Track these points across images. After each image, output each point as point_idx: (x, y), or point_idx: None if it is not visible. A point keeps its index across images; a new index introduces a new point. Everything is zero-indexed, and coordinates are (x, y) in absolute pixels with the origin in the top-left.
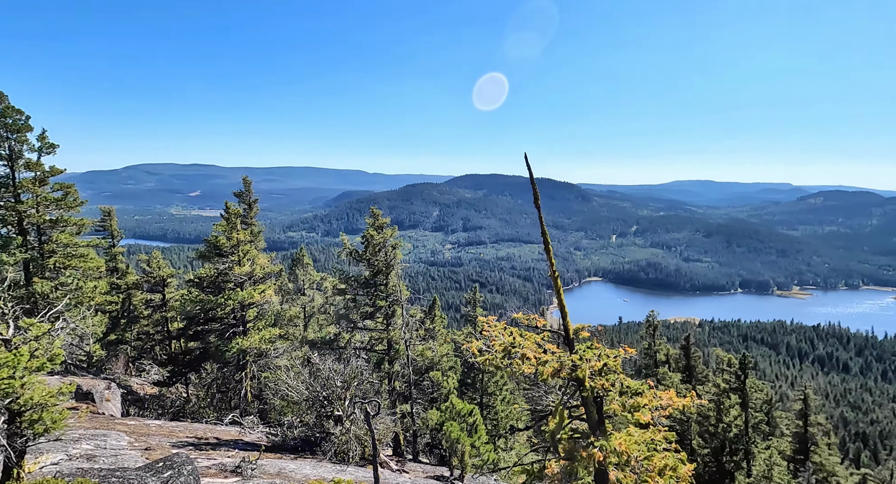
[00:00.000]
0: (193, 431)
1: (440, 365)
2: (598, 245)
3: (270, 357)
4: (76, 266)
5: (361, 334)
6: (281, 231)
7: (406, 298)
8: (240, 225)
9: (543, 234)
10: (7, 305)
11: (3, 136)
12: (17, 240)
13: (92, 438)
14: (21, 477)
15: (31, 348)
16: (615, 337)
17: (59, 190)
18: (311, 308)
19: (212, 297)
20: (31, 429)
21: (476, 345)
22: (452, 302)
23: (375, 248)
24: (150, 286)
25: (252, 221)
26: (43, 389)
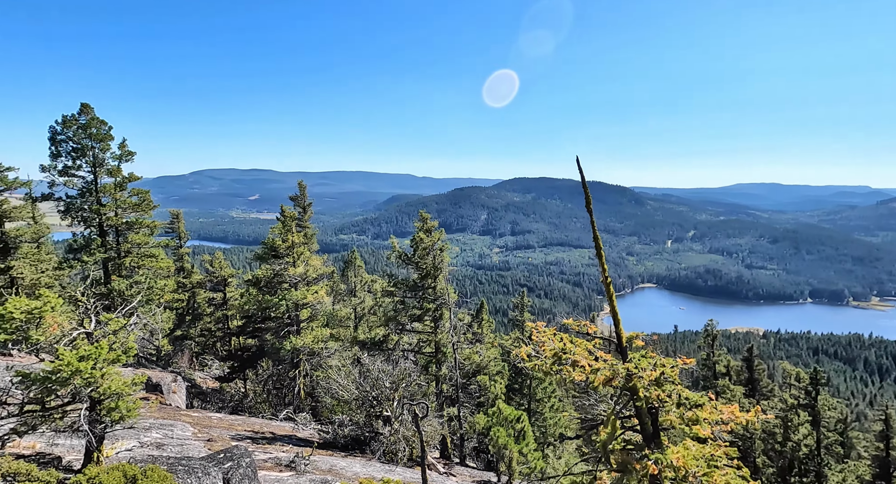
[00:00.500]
0: (251, 425)
1: (487, 369)
2: (652, 250)
3: (322, 356)
4: (148, 265)
5: (409, 336)
6: (333, 234)
7: (454, 301)
8: (294, 228)
9: (595, 239)
10: (90, 301)
11: (88, 145)
12: (97, 241)
13: (161, 428)
14: (100, 460)
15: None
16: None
17: (136, 195)
18: (362, 309)
19: (268, 296)
20: (109, 416)
21: (525, 350)
22: (500, 306)
23: (424, 251)
24: (213, 285)
25: (306, 224)
26: (119, 380)
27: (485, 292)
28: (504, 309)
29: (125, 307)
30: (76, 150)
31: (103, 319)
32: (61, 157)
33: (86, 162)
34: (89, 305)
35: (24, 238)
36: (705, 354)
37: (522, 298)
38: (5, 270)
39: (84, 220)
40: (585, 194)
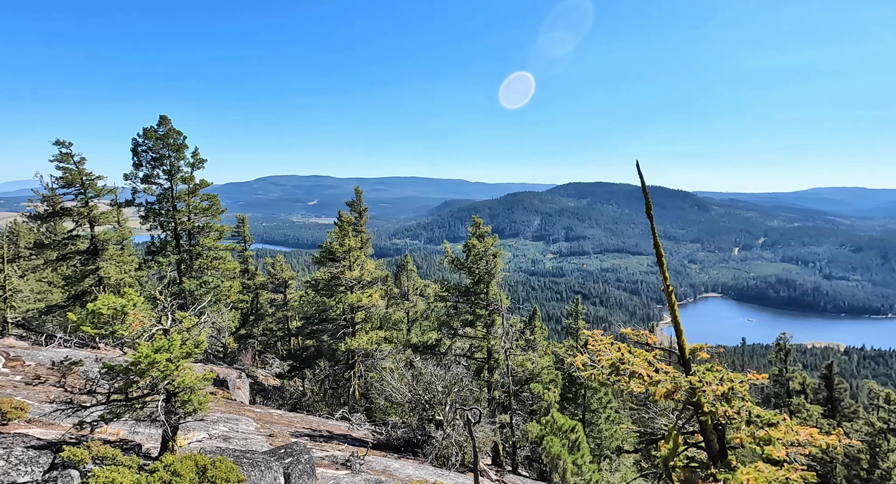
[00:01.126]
0: (309, 422)
1: (540, 377)
2: (717, 258)
3: (376, 358)
4: (216, 267)
5: (461, 341)
6: (387, 238)
7: (506, 307)
8: (351, 232)
9: (656, 246)
10: (166, 300)
11: (166, 155)
12: (172, 243)
13: (227, 422)
14: (175, 449)
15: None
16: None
17: (206, 200)
18: (415, 313)
19: (325, 298)
20: (183, 408)
21: (581, 359)
22: (553, 313)
23: (476, 256)
24: (275, 287)
25: (362, 229)
26: (192, 375)
27: (537, 299)
28: (557, 316)
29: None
30: (155, 159)
31: (178, 317)
32: (142, 166)
33: (163, 170)
34: (166, 304)
35: (110, 241)
36: (777, 369)
37: (577, 305)
38: (95, 270)
39: (161, 224)
40: (646, 199)
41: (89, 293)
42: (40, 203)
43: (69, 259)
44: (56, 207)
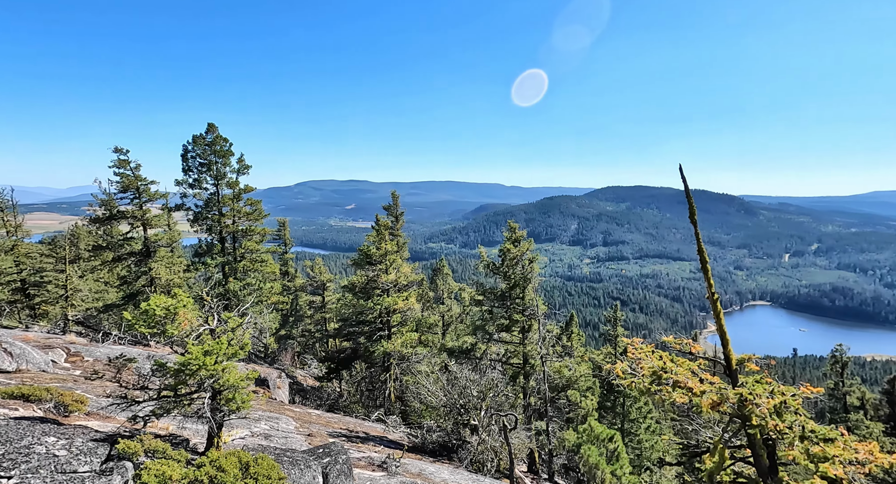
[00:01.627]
0: (346, 423)
1: (577, 384)
2: (766, 265)
3: (411, 361)
4: (258, 269)
5: (497, 346)
6: (422, 242)
7: (542, 312)
8: (387, 236)
9: (700, 252)
10: (213, 301)
11: (213, 161)
12: (217, 246)
13: (268, 420)
14: (219, 446)
15: (228, 338)
16: (788, 371)
17: (250, 204)
18: (450, 317)
19: (362, 301)
20: (227, 406)
21: (620, 367)
22: (590, 319)
23: (512, 261)
24: (313, 289)
25: (398, 233)
26: (236, 374)
27: (574, 304)
28: (595, 322)
29: (240, 307)
30: (203, 164)
31: (224, 318)
32: (191, 172)
33: (210, 175)
34: (212, 305)
35: (161, 243)
36: (833, 383)
37: (616, 311)
38: (147, 271)
39: (208, 227)
40: (689, 204)
41: (142, 293)
42: (99, 207)
43: (124, 260)
44: (113, 211)
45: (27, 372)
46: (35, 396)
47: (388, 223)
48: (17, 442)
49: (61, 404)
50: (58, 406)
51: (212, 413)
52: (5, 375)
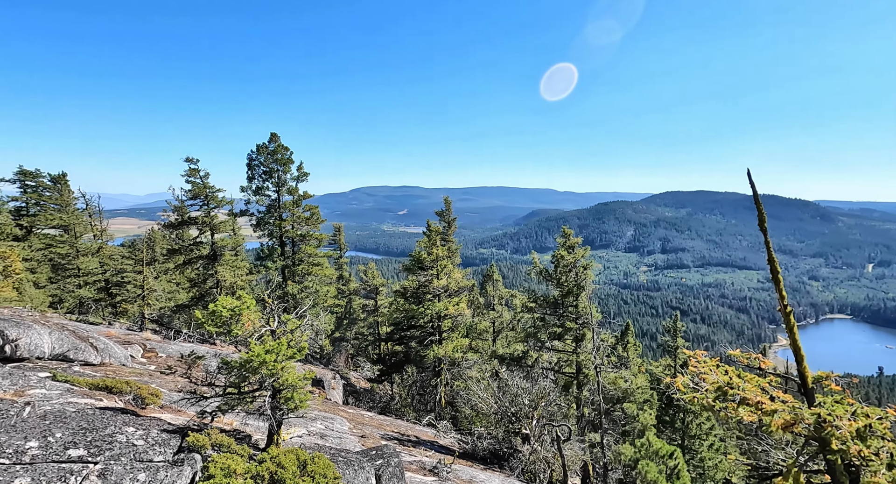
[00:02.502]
0: (397, 426)
1: (634, 396)
2: (845, 275)
3: (462, 367)
4: (315, 273)
5: (549, 355)
6: (473, 248)
7: (597, 321)
8: (439, 242)
9: (771, 261)
10: (274, 303)
11: (275, 169)
12: (278, 250)
13: (324, 420)
14: (279, 443)
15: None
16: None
17: (308, 210)
18: (500, 323)
19: (413, 306)
20: (286, 405)
21: (681, 380)
22: (647, 329)
23: (565, 268)
24: (366, 293)
25: (450, 239)
26: (294, 374)
27: (630, 313)
28: (652, 332)
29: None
30: (265, 172)
31: (283, 319)
32: (255, 179)
33: (272, 182)
34: (273, 307)
35: (226, 247)
36: None
37: (675, 321)
38: (214, 274)
39: (269, 232)
40: (758, 210)
41: (209, 294)
42: (172, 213)
43: (193, 263)
44: (184, 217)
45: (110, 365)
46: (117, 388)
47: (440, 229)
48: (101, 430)
49: (139, 397)
50: (136, 398)
51: (272, 411)
52: (92, 368)
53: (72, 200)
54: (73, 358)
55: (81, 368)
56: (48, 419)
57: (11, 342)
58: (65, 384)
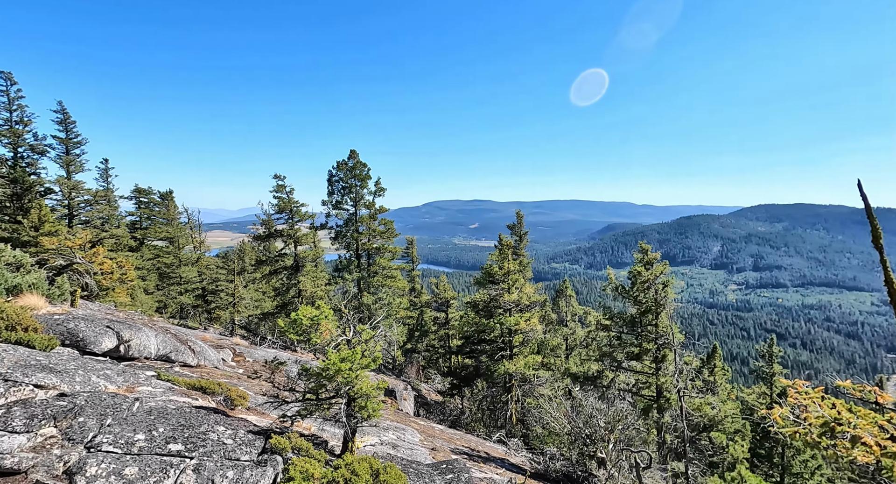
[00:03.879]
0: (467, 441)
1: (723, 425)
2: None
3: (533, 384)
4: (389, 285)
5: (626, 375)
6: (545, 262)
7: (679, 341)
8: (510, 256)
9: (888, 282)
10: (350, 313)
11: (353, 184)
12: (354, 262)
13: (395, 430)
14: (353, 450)
15: (362, 349)
16: None
17: (383, 224)
18: (573, 340)
19: (484, 320)
20: (360, 413)
21: (780, 412)
22: (736, 353)
23: (643, 285)
24: (437, 306)
25: (521, 252)
26: (368, 383)
27: (717, 335)
28: (743, 356)
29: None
30: (345, 188)
31: (359, 330)
32: (334, 194)
33: (350, 197)
34: (349, 317)
35: (308, 259)
36: None
37: (771, 345)
38: (296, 284)
39: (347, 245)
40: (872, 225)
41: (291, 303)
42: (260, 226)
43: (278, 273)
44: (271, 230)
45: (204, 367)
46: (210, 389)
47: (512, 242)
48: (197, 427)
49: (229, 398)
50: (226, 400)
51: (347, 418)
52: (189, 369)
53: (176, 215)
54: (174, 359)
55: (181, 368)
56: (153, 415)
57: (125, 342)
58: (167, 383)
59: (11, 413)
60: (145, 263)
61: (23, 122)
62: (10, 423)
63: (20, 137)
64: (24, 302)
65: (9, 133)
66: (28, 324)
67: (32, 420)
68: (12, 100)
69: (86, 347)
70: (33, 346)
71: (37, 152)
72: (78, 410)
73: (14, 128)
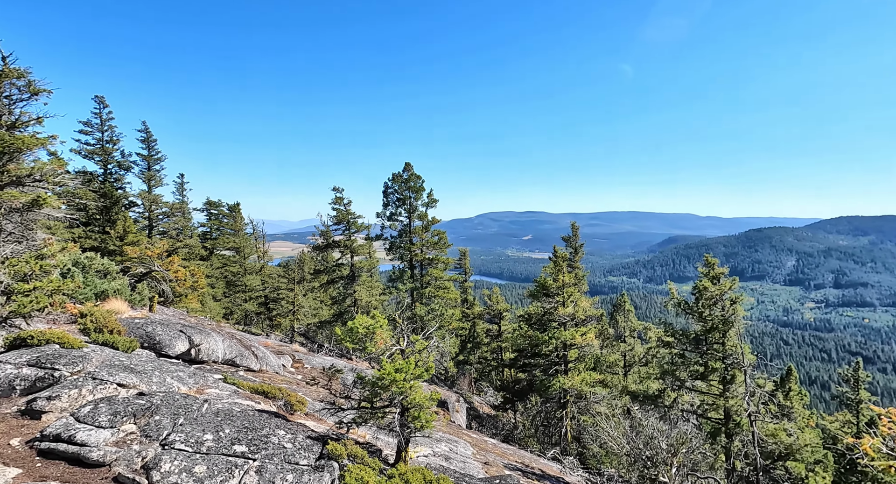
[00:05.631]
0: (521, 457)
1: (801, 454)
2: None
3: (589, 401)
4: (441, 296)
5: (690, 395)
6: (601, 275)
7: (749, 362)
8: (565, 268)
9: None
10: (403, 323)
11: (407, 196)
12: (408, 273)
13: (448, 442)
14: (406, 460)
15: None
16: None
17: (436, 235)
18: (632, 357)
19: (538, 333)
20: (413, 423)
21: (871, 442)
22: (815, 376)
23: (709, 300)
24: (490, 318)
25: (577, 265)
26: (421, 393)
27: (793, 356)
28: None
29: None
30: (399, 199)
31: (412, 340)
32: (389, 206)
33: (404, 209)
34: (403, 327)
35: (363, 269)
36: None
37: (857, 369)
38: (352, 293)
39: (400, 256)
40: None
41: (347, 312)
42: (319, 237)
43: (335, 283)
44: (329, 240)
45: (266, 372)
46: (271, 393)
47: (567, 255)
48: (259, 430)
49: (288, 403)
50: (286, 404)
51: (400, 428)
52: (252, 373)
53: (243, 226)
54: (239, 363)
55: (244, 372)
56: (220, 416)
57: (196, 347)
58: (232, 386)
59: (98, 409)
60: (214, 271)
61: (112, 141)
62: (97, 418)
63: (110, 155)
64: (109, 306)
65: (100, 152)
66: (113, 327)
67: (115, 416)
68: (104, 121)
69: (161, 349)
70: (117, 347)
71: (123, 168)
72: (154, 408)
73: (105, 147)
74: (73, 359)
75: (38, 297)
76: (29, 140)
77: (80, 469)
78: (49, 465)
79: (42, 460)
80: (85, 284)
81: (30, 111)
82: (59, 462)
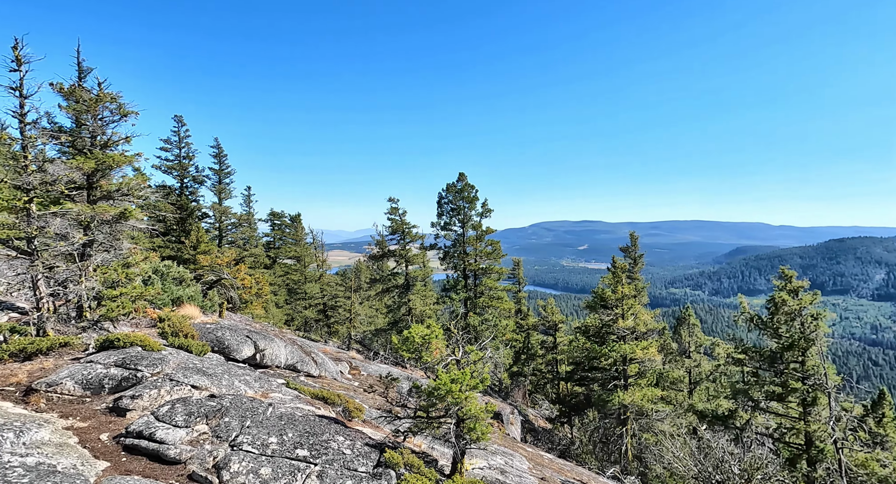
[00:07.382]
0: (579, 474)
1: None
2: None
3: (652, 418)
4: (495, 306)
5: (765, 417)
6: (662, 287)
7: (834, 384)
8: (624, 279)
9: None
10: (458, 333)
11: (461, 206)
12: (462, 282)
13: (503, 455)
14: (462, 472)
15: (471, 370)
16: None
17: (490, 245)
18: (698, 374)
19: (596, 346)
20: (469, 435)
21: None
22: None
23: (786, 315)
24: (545, 329)
25: (636, 276)
26: (476, 404)
27: (885, 378)
28: None
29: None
30: (453, 209)
31: (467, 350)
32: (443, 216)
33: (458, 219)
34: (458, 337)
35: (418, 278)
36: None
37: None
38: (406, 302)
39: (454, 265)
40: None
41: (402, 321)
42: (375, 246)
43: (390, 292)
44: (384, 250)
45: (325, 378)
46: (331, 399)
47: (626, 265)
48: (320, 435)
49: (347, 410)
50: (345, 411)
51: (456, 439)
52: (312, 379)
53: (303, 235)
54: (300, 369)
55: (305, 377)
56: (283, 420)
57: (260, 352)
58: (294, 391)
59: (174, 409)
60: (277, 279)
61: (188, 157)
62: (174, 417)
63: (186, 170)
64: (184, 311)
65: (178, 167)
66: (187, 331)
67: (190, 417)
68: (182, 138)
69: (229, 353)
70: (190, 350)
71: (197, 182)
72: (224, 410)
73: (182, 162)
74: (153, 361)
75: (124, 302)
76: (119, 158)
77: (160, 465)
78: (132, 460)
79: (127, 455)
80: (163, 290)
81: (119, 131)
82: (141, 457)
